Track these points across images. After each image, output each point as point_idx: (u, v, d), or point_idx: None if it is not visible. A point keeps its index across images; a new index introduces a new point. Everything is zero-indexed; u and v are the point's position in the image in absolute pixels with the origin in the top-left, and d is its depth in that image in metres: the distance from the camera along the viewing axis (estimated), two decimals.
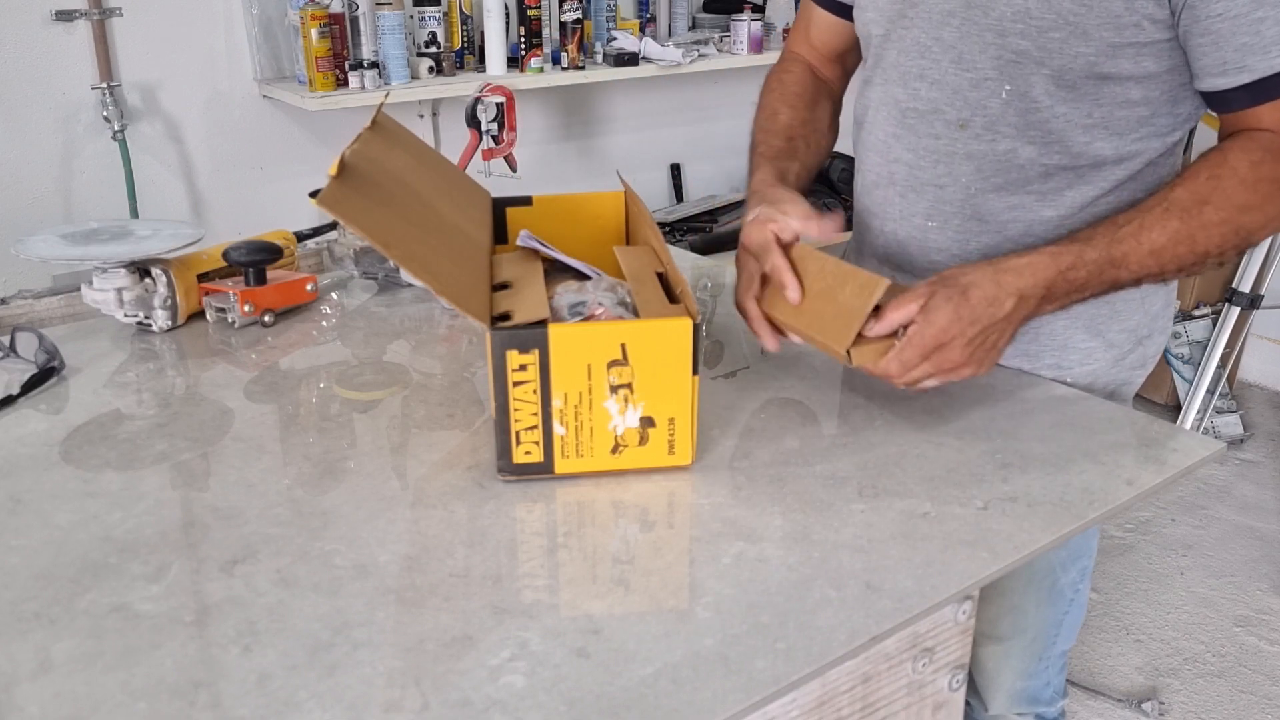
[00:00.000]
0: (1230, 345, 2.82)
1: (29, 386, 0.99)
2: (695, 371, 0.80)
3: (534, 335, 0.77)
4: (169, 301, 1.13)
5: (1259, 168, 0.90)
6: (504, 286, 0.90)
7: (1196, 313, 3.00)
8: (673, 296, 0.88)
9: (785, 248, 0.91)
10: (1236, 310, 2.78)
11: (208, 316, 1.17)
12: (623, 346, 0.78)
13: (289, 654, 0.63)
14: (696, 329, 0.79)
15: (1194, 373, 2.83)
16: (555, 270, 0.99)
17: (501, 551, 0.73)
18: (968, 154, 1.00)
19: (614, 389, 0.80)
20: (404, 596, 0.68)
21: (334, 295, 1.27)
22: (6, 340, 1.07)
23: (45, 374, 1.01)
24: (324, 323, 1.19)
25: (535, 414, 0.80)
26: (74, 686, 0.60)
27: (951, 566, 0.72)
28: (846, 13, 1.15)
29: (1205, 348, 2.82)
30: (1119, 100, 0.95)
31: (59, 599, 0.68)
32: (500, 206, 1.12)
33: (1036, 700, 1.28)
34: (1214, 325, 2.87)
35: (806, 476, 0.83)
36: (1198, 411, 2.77)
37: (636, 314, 0.85)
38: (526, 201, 1.12)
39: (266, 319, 1.16)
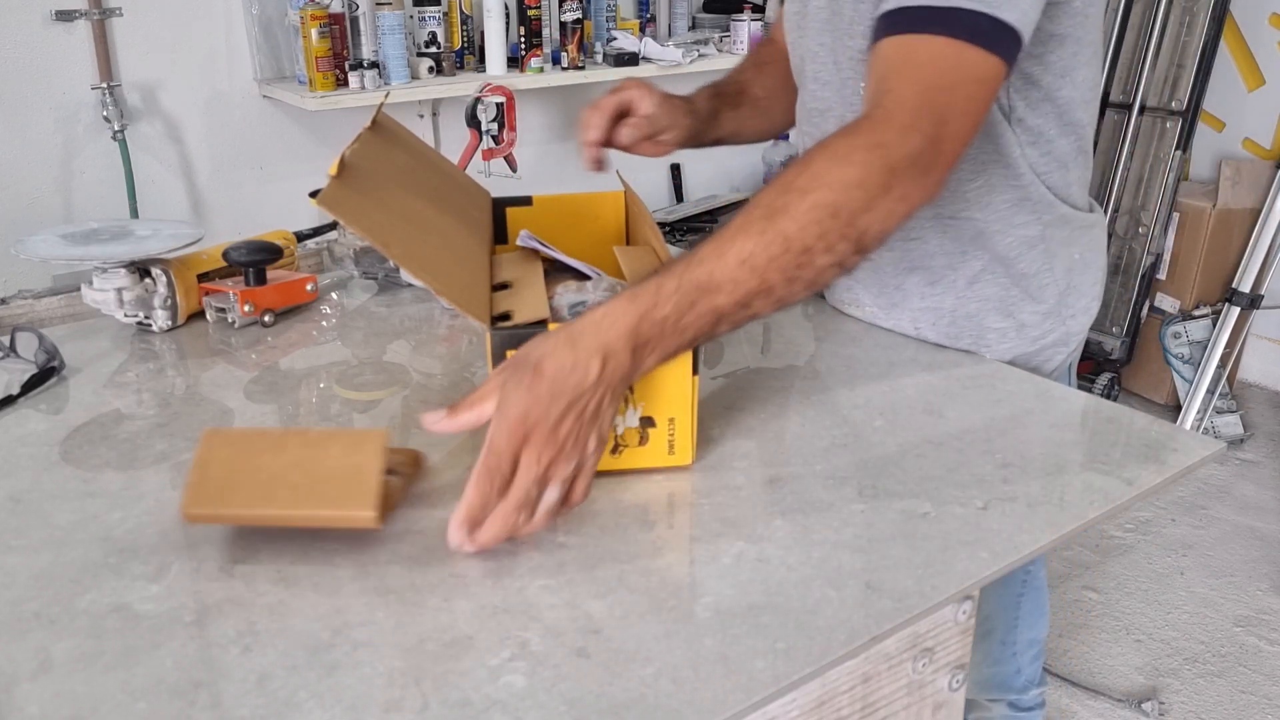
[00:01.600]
0: (1230, 345, 2.82)
1: (29, 386, 0.99)
2: (695, 372, 0.80)
3: (533, 335, 0.77)
4: (169, 301, 1.13)
5: (854, 137, 0.80)
6: (504, 286, 0.90)
7: (1196, 313, 3.00)
8: None
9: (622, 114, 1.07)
10: (1236, 310, 2.78)
11: (208, 316, 1.17)
12: None
13: (289, 654, 0.63)
14: None
15: (1194, 373, 2.83)
16: (555, 270, 0.99)
17: (501, 551, 0.73)
18: None
19: None
20: (404, 596, 0.68)
21: (334, 295, 1.27)
22: (6, 340, 1.07)
23: (45, 374, 1.01)
24: (324, 323, 1.19)
25: None
26: (74, 686, 0.60)
27: (951, 566, 0.72)
28: None
29: (1205, 348, 2.82)
30: None
31: (59, 599, 0.68)
32: (500, 206, 1.12)
33: (1007, 687, 1.30)
34: (1214, 325, 2.87)
35: (806, 476, 0.83)
36: (1198, 411, 2.77)
37: None
38: (526, 201, 1.12)
39: (266, 319, 1.16)
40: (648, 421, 0.81)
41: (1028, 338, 1.09)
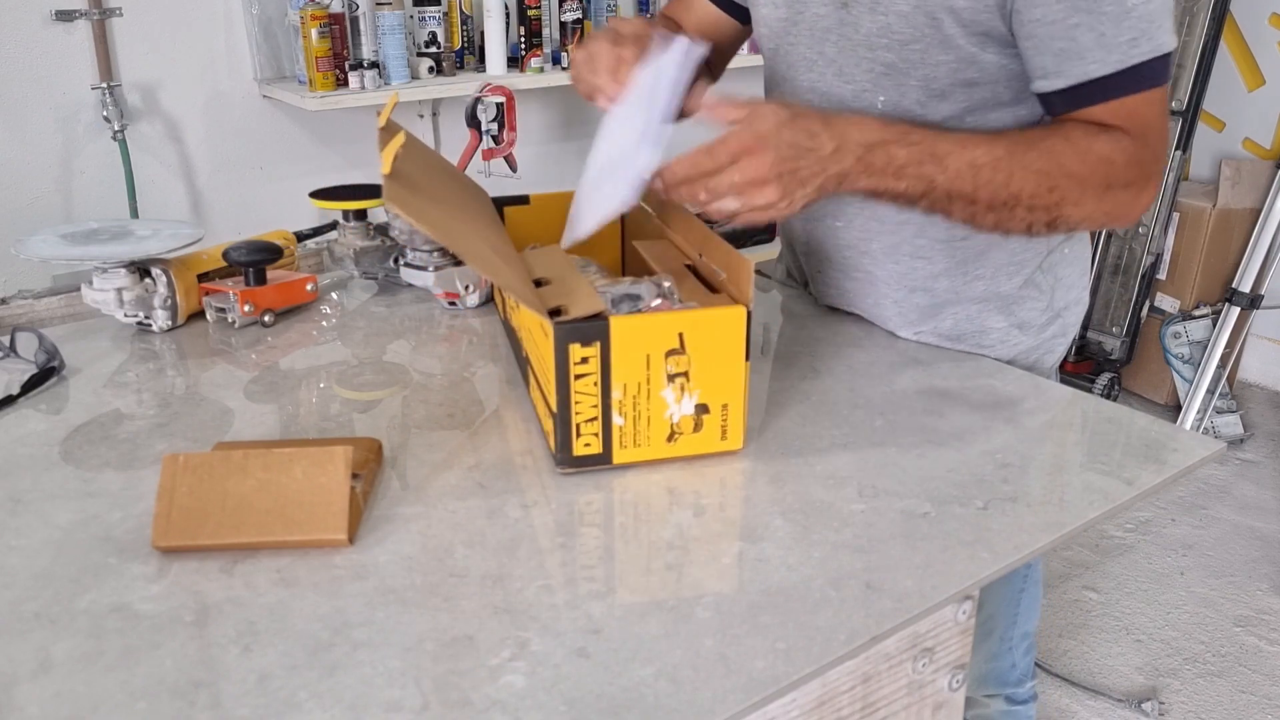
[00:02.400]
0: (1230, 345, 2.82)
1: (29, 386, 0.99)
2: (748, 358, 0.82)
3: (595, 328, 0.78)
4: (169, 301, 1.13)
5: (1093, 139, 0.91)
6: (539, 283, 0.91)
7: (1196, 313, 3.00)
8: (711, 286, 0.91)
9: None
10: (1236, 310, 2.78)
11: (208, 316, 1.17)
12: (680, 336, 0.80)
13: (289, 654, 0.63)
14: (750, 317, 0.81)
15: (1194, 373, 2.83)
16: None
17: (501, 551, 0.73)
18: None
19: (671, 378, 0.81)
20: (404, 596, 0.68)
21: (334, 295, 1.27)
22: (6, 340, 1.07)
23: (45, 374, 1.01)
24: (324, 323, 1.19)
25: (595, 406, 0.80)
26: (74, 686, 0.60)
27: (951, 566, 0.72)
28: (737, 12, 1.19)
29: (1205, 348, 2.82)
30: (991, 104, 0.98)
31: (59, 599, 0.68)
32: (498, 206, 1.12)
33: (1004, 682, 1.31)
34: (1214, 325, 2.87)
35: (806, 476, 0.83)
36: (1198, 411, 2.77)
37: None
38: (524, 201, 1.13)
39: (266, 319, 1.16)
40: (702, 409, 0.83)
41: (1029, 334, 1.10)
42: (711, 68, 1.22)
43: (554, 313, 0.81)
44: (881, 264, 1.09)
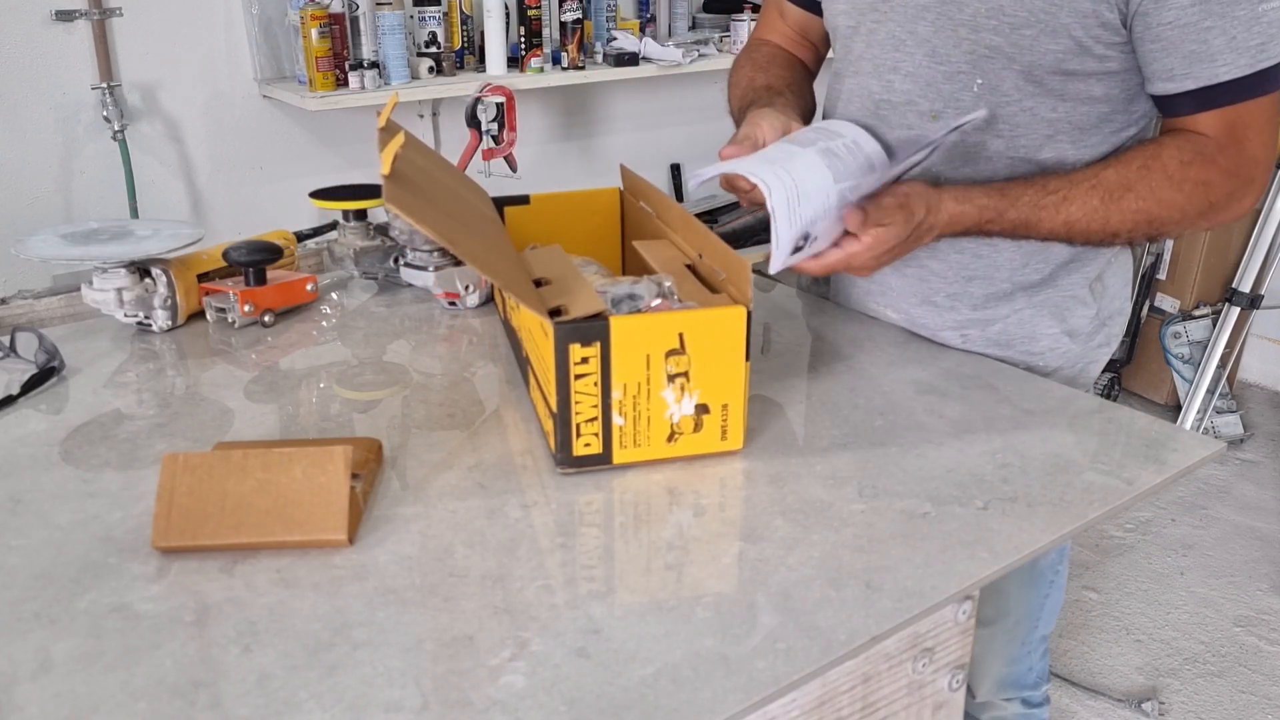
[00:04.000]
0: (1230, 345, 2.82)
1: (29, 386, 0.99)
2: (748, 358, 0.82)
3: (596, 328, 0.78)
4: (169, 301, 1.13)
5: (1188, 168, 0.94)
6: (539, 283, 0.91)
7: (1196, 313, 3.00)
8: (711, 286, 0.90)
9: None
10: (1236, 310, 2.78)
11: (208, 316, 1.17)
12: (680, 336, 0.80)
13: (289, 654, 0.63)
14: (750, 317, 0.80)
15: (1194, 373, 2.83)
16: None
17: (501, 551, 0.73)
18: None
19: (671, 378, 0.81)
20: (404, 596, 0.68)
21: (334, 295, 1.27)
22: (6, 340, 1.07)
23: (45, 374, 1.01)
24: (324, 323, 1.19)
25: (595, 406, 0.81)
26: (74, 686, 0.60)
27: (951, 566, 0.72)
28: (813, 6, 1.18)
29: (1205, 348, 2.82)
30: (1082, 96, 0.98)
31: (59, 599, 0.68)
32: (498, 206, 1.12)
33: (1021, 685, 1.30)
34: (1214, 325, 2.87)
35: (806, 476, 0.83)
36: (1198, 411, 2.77)
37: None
38: (524, 200, 1.13)
39: (266, 319, 1.16)
40: (703, 409, 0.83)
41: (1079, 342, 1.10)
42: (809, 69, 1.24)
43: (554, 313, 0.80)
44: (944, 254, 1.07)
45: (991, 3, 0.94)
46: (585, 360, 0.79)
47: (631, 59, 2.67)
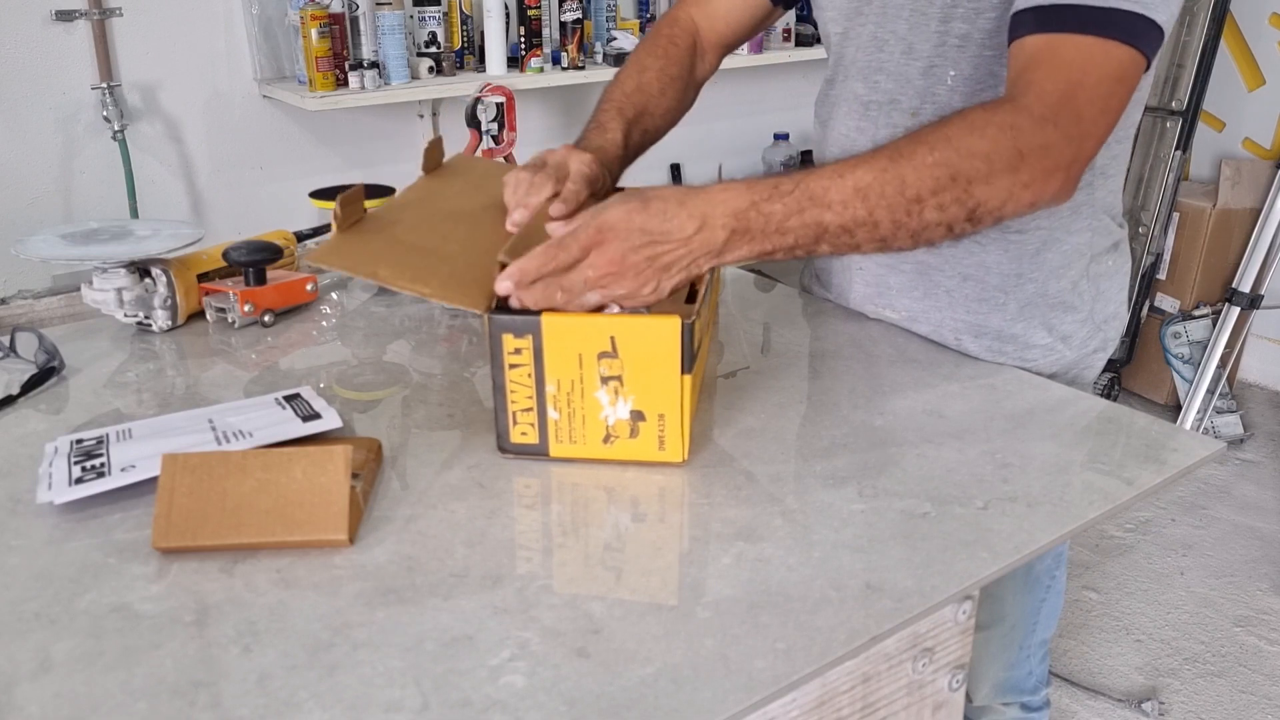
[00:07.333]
0: (1230, 345, 2.82)
1: (29, 386, 0.99)
2: (686, 371, 0.80)
3: (528, 322, 0.79)
4: (169, 301, 1.13)
5: (993, 113, 0.82)
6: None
7: (1196, 313, 3.00)
8: (694, 294, 0.90)
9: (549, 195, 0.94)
10: (1236, 310, 2.78)
11: (208, 316, 1.17)
12: (612, 339, 0.79)
13: (289, 654, 0.63)
14: (688, 329, 0.78)
15: (1194, 373, 2.83)
16: None
17: (501, 551, 0.73)
18: None
19: (604, 380, 0.81)
20: (404, 596, 0.68)
21: (334, 295, 1.27)
22: (6, 340, 1.07)
23: (45, 374, 1.01)
24: (324, 323, 1.19)
25: (530, 397, 0.82)
26: (74, 686, 0.60)
27: (951, 566, 0.72)
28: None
29: (1205, 348, 2.82)
30: None
31: (59, 599, 0.68)
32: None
33: (1020, 689, 1.30)
34: (1214, 325, 2.87)
35: (806, 476, 0.83)
36: (1198, 411, 2.77)
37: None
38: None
39: (266, 319, 1.16)
40: (638, 415, 0.82)
41: (1072, 347, 1.09)
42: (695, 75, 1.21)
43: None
44: (939, 248, 1.05)
45: None
46: (519, 351, 0.80)
47: None
